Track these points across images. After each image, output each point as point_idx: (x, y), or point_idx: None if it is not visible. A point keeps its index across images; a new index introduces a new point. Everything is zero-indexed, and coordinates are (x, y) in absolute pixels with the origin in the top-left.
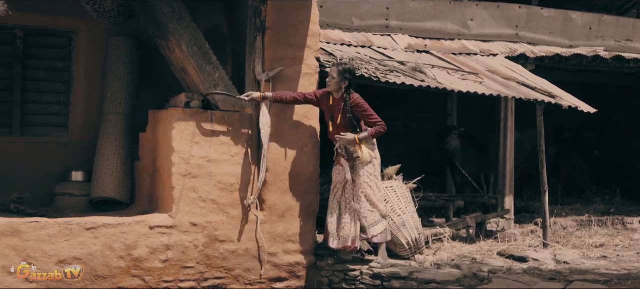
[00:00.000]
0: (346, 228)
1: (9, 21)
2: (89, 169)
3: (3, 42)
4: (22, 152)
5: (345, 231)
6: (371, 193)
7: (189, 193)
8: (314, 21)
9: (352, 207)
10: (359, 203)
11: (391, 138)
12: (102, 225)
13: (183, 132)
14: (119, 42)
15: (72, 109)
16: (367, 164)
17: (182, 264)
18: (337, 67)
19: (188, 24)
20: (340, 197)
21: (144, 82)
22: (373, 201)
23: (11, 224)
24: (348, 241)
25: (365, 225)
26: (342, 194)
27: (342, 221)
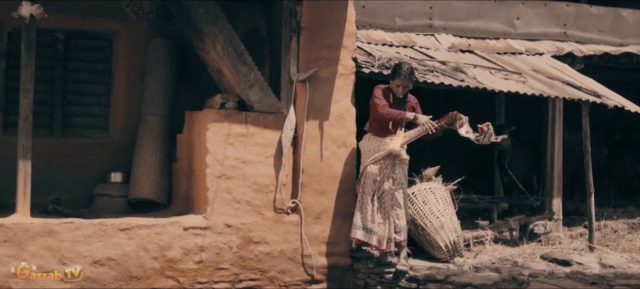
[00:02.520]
0: (382, 228)
1: (50, 24)
2: (128, 170)
3: (44, 45)
4: (63, 153)
5: (380, 231)
6: (403, 196)
7: (223, 194)
8: (350, 21)
9: (389, 207)
10: (397, 204)
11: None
12: (136, 226)
13: (217, 133)
14: (158, 44)
15: (112, 110)
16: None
17: (216, 265)
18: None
19: (223, 25)
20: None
21: (182, 84)
22: (403, 203)
23: (47, 225)
24: (384, 243)
25: (400, 227)
26: (375, 191)
27: (376, 219)
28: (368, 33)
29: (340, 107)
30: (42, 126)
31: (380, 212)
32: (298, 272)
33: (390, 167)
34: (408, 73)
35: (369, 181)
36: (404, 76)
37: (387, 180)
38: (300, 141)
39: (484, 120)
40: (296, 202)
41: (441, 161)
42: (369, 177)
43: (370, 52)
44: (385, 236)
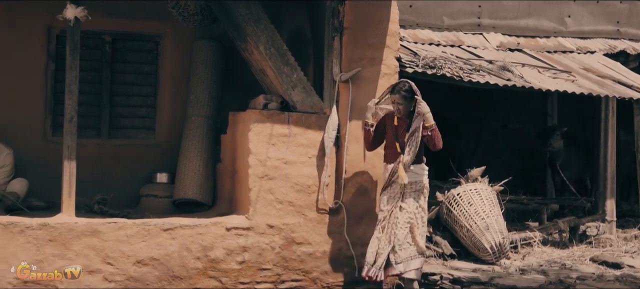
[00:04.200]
0: (382, 257)
1: (98, 26)
2: (173, 170)
3: (92, 47)
4: (111, 154)
5: (381, 259)
6: (415, 225)
7: (266, 195)
8: (394, 20)
9: (396, 234)
10: (404, 231)
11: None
12: (179, 226)
13: (260, 134)
14: (203, 45)
15: (159, 111)
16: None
17: (258, 266)
18: (398, 94)
19: (265, 25)
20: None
21: (227, 84)
22: (414, 234)
23: (91, 225)
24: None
25: (402, 256)
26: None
27: (379, 247)
28: (415, 33)
29: None
30: (90, 127)
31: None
32: (341, 273)
33: (399, 195)
34: (399, 89)
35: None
36: (396, 91)
37: (396, 209)
38: (343, 141)
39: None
40: (339, 203)
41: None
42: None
43: (416, 52)
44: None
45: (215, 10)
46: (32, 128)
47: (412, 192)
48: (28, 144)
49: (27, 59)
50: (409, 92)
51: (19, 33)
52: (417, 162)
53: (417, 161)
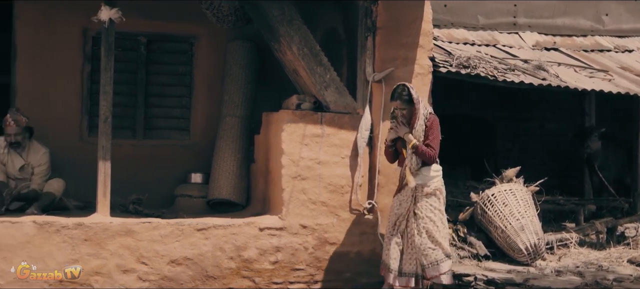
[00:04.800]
0: (408, 265)
1: (133, 28)
2: (208, 171)
3: (127, 49)
4: (146, 154)
5: (408, 267)
6: (433, 229)
7: (299, 195)
8: (427, 20)
9: (415, 243)
10: (421, 238)
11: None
12: (213, 226)
13: (293, 134)
14: (237, 46)
15: (193, 112)
16: (430, 196)
17: (291, 266)
18: (399, 99)
19: (298, 26)
20: (402, 231)
21: (261, 85)
22: (435, 237)
23: (125, 224)
24: (411, 281)
25: (425, 263)
26: (405, 227)
27: (404, 257)
28: (449, 32)
29: None
30: (126, 127)
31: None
32: (375, 273)
33: (412, 199)
34: (399, 94)
35: (390, 214)
36: (396, 97)
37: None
38: (376, 141)
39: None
40: (372, 203)
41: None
42: (390, 210)
43: (450, 52)
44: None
45: (249, 11)
46: (68, 129)
47: (422, 196)
48: (65, 144)
49: (64, 60)
50: (408, 95)
51: (56, 35)
52: (425, 165)
53: (425, 164)
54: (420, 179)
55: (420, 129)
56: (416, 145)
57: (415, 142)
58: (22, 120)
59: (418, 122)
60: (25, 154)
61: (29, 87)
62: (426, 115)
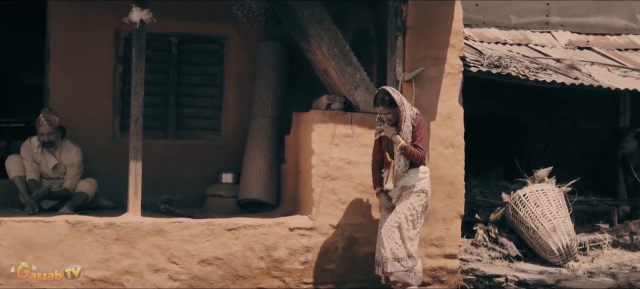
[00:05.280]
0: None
1: (164, 29)
2: (238, 171)
3: (159, 49)
4: (177, 154)
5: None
6: (405, 226)
7: (329, 195)
8: (457, 19)
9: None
10: (387, 230)
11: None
12: (243, 226)
13: (322, 134)
14: (268, 46)
15: (224, 112)
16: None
17: (322, 266)
18: (382, 105)
19: (328, 26)
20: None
21: (291, 85)
22: (403, 235)
23: (156, 224)
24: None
25: (383, 256)
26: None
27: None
28: (481, 31)
29: (447, 108)
30: (157, 128)
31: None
32: None
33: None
34: (381, 100)
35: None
36: (378, 103)
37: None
38: None
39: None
40: None
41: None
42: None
43: (481, 51)
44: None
45: (279, 12)
46: (101, 129)
47: (407, 195)
48: (97, 144)
49: (97, 61)
50: (390, 99)
51: (88, 36)
52: (412, 166)
53: (413, 165)
54: (409, 181)
55: (408, 130)
56: (404, 146)
57: (403, 143)
58: (55, 120)
59: (405, 124)
60: (58, 154)
61: (62, 87)
62: (413, 116)
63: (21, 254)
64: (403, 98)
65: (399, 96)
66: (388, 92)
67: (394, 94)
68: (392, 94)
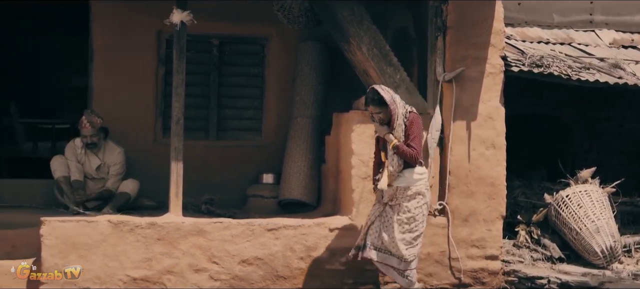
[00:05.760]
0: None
1: (206, 30)
2: (279, 171)
3: (200, 51)
4: (218, 155)
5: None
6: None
7: (369, 195)
8: (498, 18)
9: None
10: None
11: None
12: (283, 226)
13: (362, 135)
14: (308, 47)
15: (265, 113)
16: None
17: (362, 266)
18: (372, 105)
19: (368, 26)
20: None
21: (332, 85)
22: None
23: (197, 224)
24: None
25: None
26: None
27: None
28: (523, 31)
29: (488, 108)
30: (199, 128)
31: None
32: (445, 275)
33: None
34: (371, 100)
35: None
36: (368, 103)
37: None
38: (447, 142)
39: None
40: (443, 204)
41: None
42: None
43: (523, 50)
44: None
45: (319, 12)
46: (144, 130)
47: (402, 198)
48: (140, 145)
49: (139, 62)
50: (380, 98)
51: (131, 38)
52: (408, 167)
53: (410, 166)
54: (403, 182)
55: (400, 128)
56: (396, 145)
57: (395, 142)
58: (97, 121)
59: (397, 122)
60: (101, 154)
61: (105, 89)
62: (406, 114)
63: (65, 253)
64: (395, 97)
65: (390, 95)
66: (377, 91)
67: (384, 93)
68: (381, 93)
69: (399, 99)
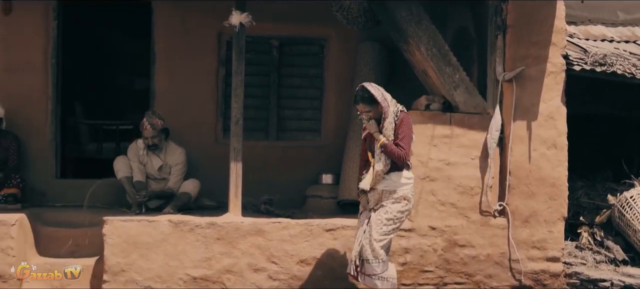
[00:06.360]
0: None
1: (266, 32)
2: (338, 172)
3: (260, 52)
4: (278, 156)
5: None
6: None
7: (428, 196)
8: (559, 17)
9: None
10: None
11: None
12: (341, 227)
13: (421, 135)
14: (367, 47)
15: (324, 113)
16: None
17: (420, 267)
18: (361, 102)
19: (427, 26)
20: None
21: (391, 86)
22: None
23: (256, 224)
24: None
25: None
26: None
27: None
28: (586, 29)
29: (549, 107)
30: (259, 129)
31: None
32: (505, 277)
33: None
34: (360, 97)
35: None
36: (358, 101)
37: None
38: (507, 142)
39: None
40: (503, 205)
41: None
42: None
43: (586, 49)
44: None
45: (377, 12)
46: (204, 131)
47: (387, 201)
48: (201, 146)
49: (200, 64)
50: (369, 95)
51: (192, 40)
52: (395, 170)
53: (397, 169)
54: (389, 185)
55: (390, 127)
56: (385, 143)
57: (384, 140)
58: (158, 123)
59: (387, 121)
60: (162, 155)
61: (167, 90)
62: (396, 113)
63: (127, 252)
64: (386, 95)
65: (380, 92)
66: (367, 89)
67: (373, 90)
68: (371, 90)
69: (390, 97)
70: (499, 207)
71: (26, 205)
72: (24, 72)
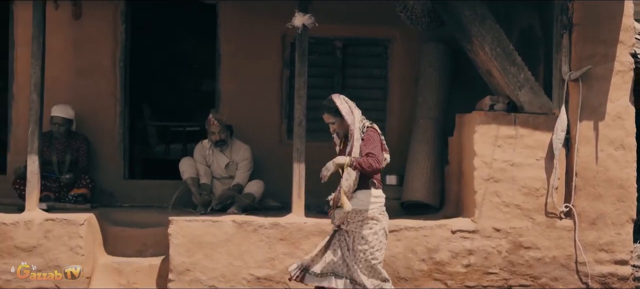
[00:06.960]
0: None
1: (329, 33)
2: (402, 173)
3: (324, 53)
4: None
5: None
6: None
7: (492, 197)
8: (627, 14)
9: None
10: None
11: None
12: (405, 228)
13: (485, 136)
14: (431, 48)
15: (388, 114)
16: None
17: (484, 269)
18: (327, 112)
19: (491, 25)
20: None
21: (455, 86)
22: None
23: (319, 225)
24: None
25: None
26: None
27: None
28: None
29: (617, 107)
30: (323, 130)
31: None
32: (572, 280)
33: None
34: (326, 107)
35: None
36: (324, 110)
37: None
38: (573, 142)
39: None
40: (569, 207)
41: None
42: None
43: None
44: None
45: (441, 12)
46: (269, 132)
47: (356, 223)
48: (266, 147)
49: (264, 66)
50: (334, 106)
51: (257, 42)
52: (363, 188)
53: (364, 187)
54: (356, 204)
55: (358, 144)
56: (352, 163)
57: (347, 161)
58: (223, 117)
59: (355, 138)
60: (228, 152)
61: (232, 92)
62: (362, 129)
63: (191, 252)
64: (355, 111)
65: (347, 106)
66: (333, 100)
67: (340, 103)
68: (336, 102)
69: (360, 114)
70: (565, 208)
71: (95, 205)
72: (94, 75)
